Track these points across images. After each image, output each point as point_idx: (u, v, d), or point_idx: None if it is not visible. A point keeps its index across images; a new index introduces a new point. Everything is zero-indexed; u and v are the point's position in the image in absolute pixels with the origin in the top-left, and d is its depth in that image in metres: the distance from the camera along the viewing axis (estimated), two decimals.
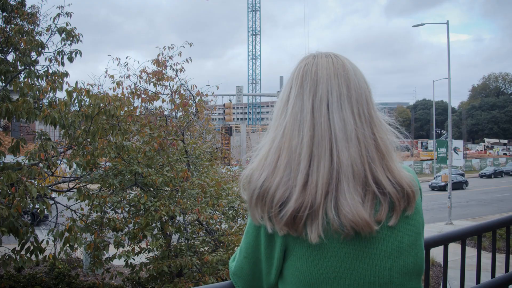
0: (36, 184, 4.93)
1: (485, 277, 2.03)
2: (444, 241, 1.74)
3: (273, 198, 0.97)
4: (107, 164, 6.69)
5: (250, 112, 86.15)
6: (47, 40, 6.32)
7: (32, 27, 6.50)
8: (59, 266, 9.52)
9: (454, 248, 2.17)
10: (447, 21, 22.26)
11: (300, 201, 0.95)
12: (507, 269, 2.03)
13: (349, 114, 1.01)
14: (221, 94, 30.57)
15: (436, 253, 2.07)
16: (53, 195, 7.23)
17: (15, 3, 7.23)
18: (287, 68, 1.14)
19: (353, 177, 0.96)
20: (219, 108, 31.77)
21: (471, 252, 3.11)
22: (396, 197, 0.98)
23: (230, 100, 28.25)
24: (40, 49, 6.01)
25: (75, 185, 6.30)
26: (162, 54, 7.25)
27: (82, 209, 6.41)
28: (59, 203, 6.72)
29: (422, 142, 75.05)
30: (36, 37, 6.29)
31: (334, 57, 1.08)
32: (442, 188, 31.99)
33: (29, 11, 7.53)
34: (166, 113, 7.83)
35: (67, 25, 6.10)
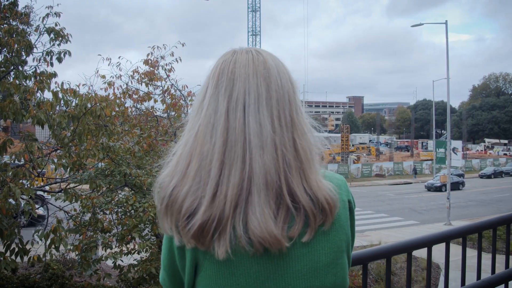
0: (27, 184, 4.89)
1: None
2: (407, 248, 1.70)
3: (181, 209, 0.89)
4: (101, 164, 6.65)
5: None
6: (36, 41, 6.29)
7: (22, 27, 6.45)
8: (54, 266, 9.48)
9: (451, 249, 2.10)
10: (446, 21, 22.25)
11: (208, 214, 0.87)
12: (478, 277, 1.99)
13: (267, 117, 0.91)
14: None
15: (434, 253, 2.01)
16: (49, 196, 7.20)
17: (7, 3, 7.20)
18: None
19: (265, 188, 0.87)
20: None
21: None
22: (312, 212, 0.90)
23: None
24: (28, 49, 5.98)
25: (66, 186, 6.27)
26: (152, 54, 7.24)
27: (75, 210, 6.37)
28: (51, 203, 6.67)
29: (422, 142, 75.07)
30: (26, 37, 6.25)
31: (255, 53, 0.98)
32: (438, 189, 32.16)
33: (22, 11, 7.50)
34: (158, 113, 7.81)
35: (56, 25, 6.06)
